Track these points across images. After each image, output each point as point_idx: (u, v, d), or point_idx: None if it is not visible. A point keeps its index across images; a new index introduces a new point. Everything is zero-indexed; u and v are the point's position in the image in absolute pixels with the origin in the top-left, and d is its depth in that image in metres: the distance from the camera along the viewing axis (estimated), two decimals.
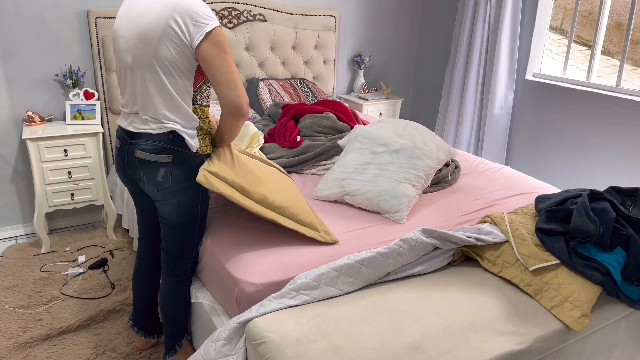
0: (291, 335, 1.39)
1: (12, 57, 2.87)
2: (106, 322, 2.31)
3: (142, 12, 1.58)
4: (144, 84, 1.62)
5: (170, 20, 1.53)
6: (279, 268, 1.68)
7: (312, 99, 3.52)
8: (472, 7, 3.65)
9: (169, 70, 1.57)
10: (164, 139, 1.63)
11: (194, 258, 1.85)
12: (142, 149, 1.64)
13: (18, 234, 3.15)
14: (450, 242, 1.79)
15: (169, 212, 1.72)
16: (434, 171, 2.28)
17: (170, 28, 1.53)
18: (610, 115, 3.04)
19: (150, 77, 1.59)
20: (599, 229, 1.64)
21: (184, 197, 1.69)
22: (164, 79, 1.58)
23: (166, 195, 1.69)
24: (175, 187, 1.67)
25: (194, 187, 1.70)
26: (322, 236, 1.83)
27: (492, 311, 1.54)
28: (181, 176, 1.66)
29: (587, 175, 3.24)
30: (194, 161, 1.67)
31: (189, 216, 1.74)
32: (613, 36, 3.12)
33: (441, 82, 4.27)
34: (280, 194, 1.84)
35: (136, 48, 1.59)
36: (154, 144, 1.63)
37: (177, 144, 1.64)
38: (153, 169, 1.65)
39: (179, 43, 1.54)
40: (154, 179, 1.66)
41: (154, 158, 1.63)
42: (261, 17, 3.51)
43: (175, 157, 1.64)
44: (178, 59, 1.56)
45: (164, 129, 1.62)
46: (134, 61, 1.61)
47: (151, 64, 1.57)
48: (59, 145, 2.80)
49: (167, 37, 1.54)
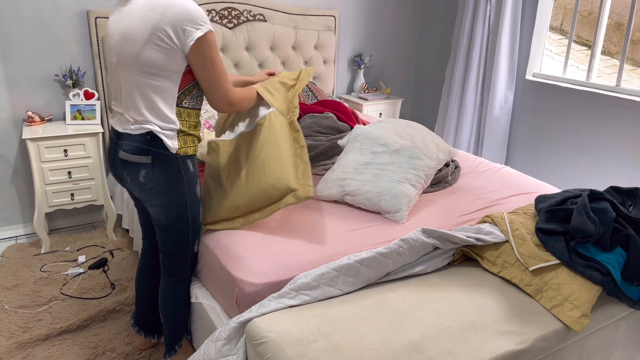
0: (291, 335, 1.39)
1: (12, 57, 2.87)
2: (106, 322, 2.31)
3: (129, 12, 1.58)
4: (126, 83, 1.63)
5: (158, 25, 1.52)
6: (279, 268, 1.68)
7: (312, 99, 3.52)
8: (472, 7, 3.65)
9: (151, 72, 1.57)
10: (142, 139, 1.63)
11: (192, 258, 1.85)
12: (124, 150, 1.66)
13: (18, 234, 3.15)
14: (450, 242, 1.79)
15: (156, 213, 1.73)
16: (434, 171, 2.28)
17: (159, 33, 1.53)
18: (610, 115, 3.04)
19: (132, 77, 1.60)
20: (599, 229, 1.64)
21: (167, 199, 1.69)
22: (144, 80, 1.59)
23: (150, 196, 1.70)
24: (157, 188, 1.67)
25: (178, 188, 1.70)
26: (297, 195, 1.79)
27: (492, 311, 1.54)
28: (162, 177, 1.66)
29: (587, 175, 3.24)
30: (174, 162, 1.67)
31: (178, 217, 1.74)
32: (613, 36, 3.12)
33: (441, 82, 4.27)
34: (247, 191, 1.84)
35: (120, 47, 1.60)
36: (133, 145, 1.64)
37: (155, 145, 1.64)
38: (135, 169, 1.66)
39: (167, 47, 1.54)
40: (136, 180, 1.68)
41: (134, 159, 1.65)
42: (261, 17, 3.51)
43: (154, 158, 1.64)
44: (165, 62, 1.56)
45: (142, 130, 1.63)
46: (118, 60, 1.63)
47: (133, 64, 1.58)
48: (59, 145, 2.80)
49: (152, 41, 1.53)
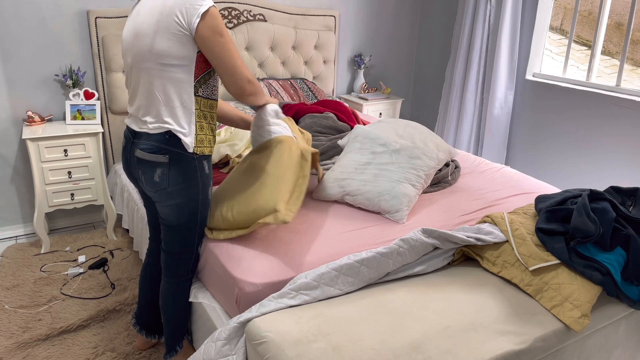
0: (291, 335, 1.39)
1: (12, 57, 2.87)
2: (106, 322, 2.31)
3: (139, 11, 1.63)
4: (143, 82, 1.64)
5: (163, 13, 1.55)
6: (279, 268, 1.68)
7: (312, 99, 3.52)
8: (472, 7, 3.65)
9: (165, 63, 1.58)
10: (160, 138, 1.64)
11: (194, 259, 1.85)
12: (140, 148, 1.66)
13: (18, 234, 3.14)
14: (450, 242, 1.79)
15: (167, 214, 1.73)
16: (434, 171, 2.28)
17: (166, 21, 1.55)
18: (610, 115, 3.04)
19: (147, 72, 1.61)
20: (599, 229, 1.64)
21: (181, 200, 1.70)
22: (160, 72, 1.60)
23: (164, 196, 1.69)
24: (172, 188, 1.67)
25: (192, 189, 1.70)
26: (276, 216, 1.71)
27: (492, 311, 1.54)
28: (178, 177, 1.67)
29: (587, 175, 3.24)
30: (191, 163, 1.68)
31: (188, 218, 1.74)
32: (613, 36, 3.12)
33: (441, 82, 4.27)
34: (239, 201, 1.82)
35: (134, 45, 1.62)
36: (151, 144, 1.65)
37: (173, 145, 1.64)
38: (150, 168, 1.66)
39: (175, 32, 1.55)
40: (151, 179, 1.68)
41: (151, 157, 1.65)
42: (261, 17, 3.51)
43: (172, 158, 1.65)
44: (175, 49, 1.57)
45: (161, 129, 1.64)
46: (133, 59, 1.64)
47: (147, 58, 1.59)
48: (59, 145, 2.80)
49: (161, 29, 1.55)
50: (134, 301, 2.45)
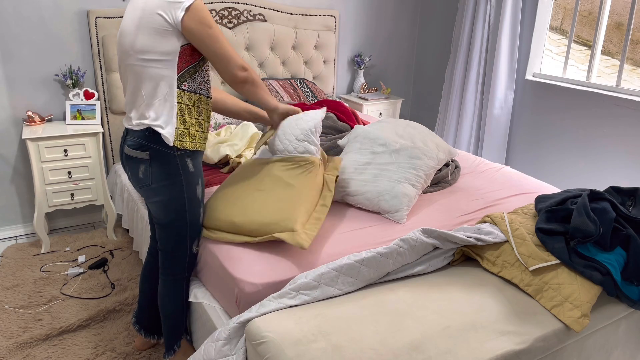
0: (291, 335, 1.39)
1: (12, 57, 2.87)
2: (106, 322, 2.31)
3: (127, 11, 1.68)
4: (129, 79, 1.68)
5: (145, 9, 1.58)
6: (279, 268, 1.68)
7: (312, 99, 3.52)
8: (472, 7, 3.65)
9: (146, 58, 1.61)
10: (142, 135, 1.67)
11: (191, 258, 1.85)
12: (127, 145, 1.71)
13: (18, 234, 3.14)
14: (450, 242, 1.79)
15: (155, 211, 1.75)
16: (434, 171, 2.28)
17: (148, 17, 1.58)
18: (610, 115, 3.04)
19: (132, 69, 1.65)
20: (599, 229, 1.64)
21: (165, 197, 1.71)
22: (142, 68, 1.63)
23: (148, 193, 1.73)
24: (155, 184, 1.70)
25: (176, 186, 1.71)
26: (293, 236, 1.68)
27: (492, 311, 1.54)
28: (161, 174, 1.69)
29: (587, 175, 3.24)
30: (172, 160, 1.69)
31: (176, 217, 1.75)
32: (613, 36, 3.12)
33: (441, 82, 4.27)
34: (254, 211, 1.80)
35: (120, 45, 1.68)
36: (134, 140, 1.69)
37: (153, 141, 1.67)
38: (135, 165, 1.71)
39: (158, 27, 1.57)
40: (136, 175, 1.72)
41: (134, 154, 1.69)
42: (261, 17, 3.51)
43: (152, 154, 1.67)
44: (157, 44, 1.59)
45: (142, 126, 1.67)
46: (119, 58, 1.70)
47: (130, 55, 1.64)
48: (59, 145, 2.80)
49: (142, 25, 1.59)
50: (134, 301, 2.45)
